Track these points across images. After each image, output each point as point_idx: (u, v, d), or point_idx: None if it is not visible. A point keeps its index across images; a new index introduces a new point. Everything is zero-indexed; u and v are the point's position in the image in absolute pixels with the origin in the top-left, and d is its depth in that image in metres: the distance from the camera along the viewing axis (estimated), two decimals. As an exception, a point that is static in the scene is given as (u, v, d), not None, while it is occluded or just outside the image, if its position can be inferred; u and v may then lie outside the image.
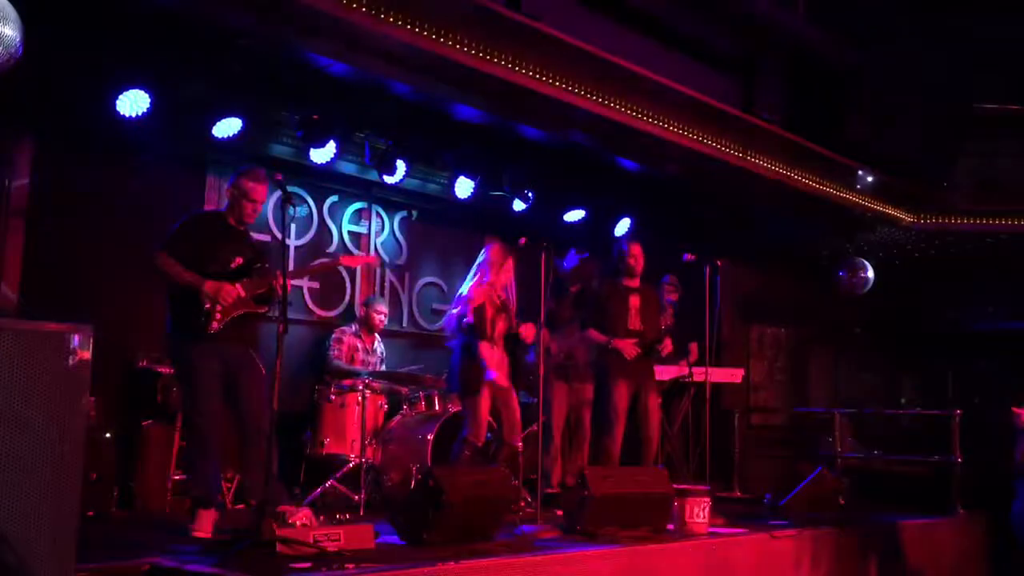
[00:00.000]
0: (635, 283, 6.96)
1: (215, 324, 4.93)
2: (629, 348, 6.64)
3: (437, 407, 7.01)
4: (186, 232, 5.07)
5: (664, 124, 7.67)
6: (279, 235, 5.22)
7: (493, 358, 6.29)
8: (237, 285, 4.99)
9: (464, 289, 6.48)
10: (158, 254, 4.94)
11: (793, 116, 9.52)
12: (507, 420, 6.33)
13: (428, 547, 4.46)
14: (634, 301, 6.88)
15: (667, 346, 6.89)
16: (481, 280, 6.45)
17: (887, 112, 10.03)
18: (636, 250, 6.97)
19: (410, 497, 4.74)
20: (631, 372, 6.68)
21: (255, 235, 5.55)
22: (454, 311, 6.48)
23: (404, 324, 8.30)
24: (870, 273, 10.02)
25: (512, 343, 6.62)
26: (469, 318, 6.29)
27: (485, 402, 6.23)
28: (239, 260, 5.11)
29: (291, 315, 5.11)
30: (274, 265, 5.12)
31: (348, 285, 7.99)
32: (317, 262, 7.52)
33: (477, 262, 6.56)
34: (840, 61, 9.65)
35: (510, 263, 6.52)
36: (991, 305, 11.21)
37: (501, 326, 6.42)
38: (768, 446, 10.19)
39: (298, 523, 4.36)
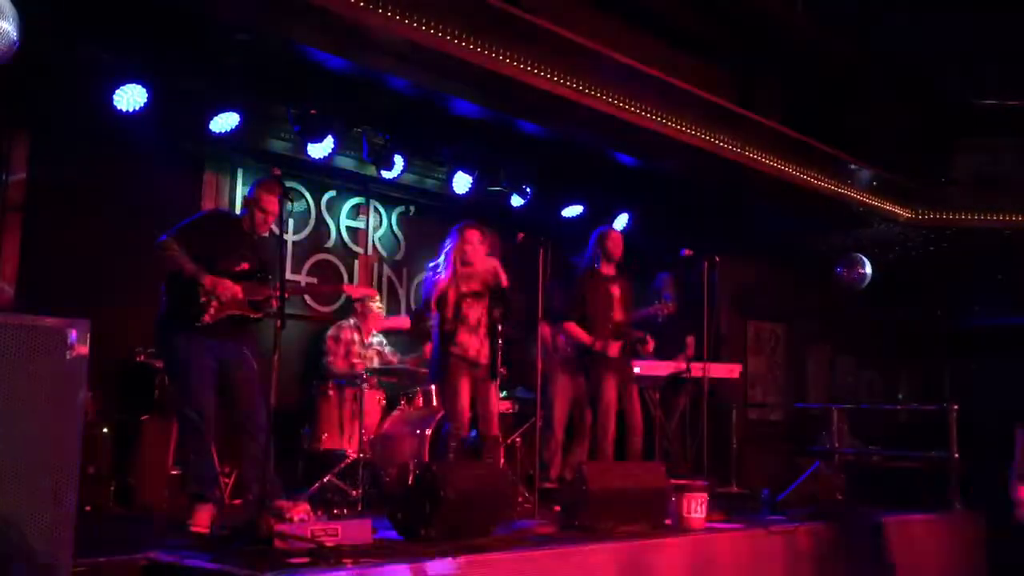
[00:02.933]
0: (612, 271, 6.94)
1: (207, 317, 4.93)
2: (614, 349, 6.65)
3: (434, 402, 7.01)
4: (200, 226, 5.08)
5: (662, 119, 7.66)
6: (277, 230, 5.21)
7: (472, 345, 6.09)
8: (236, 285, 4.99)
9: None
10: (166, 239, 4.93)
11: (791, 111, 9.53)
12: (482, 412, 6.18)
13: (426, 542, 4.46)
14: (614, 290, 6.87)
15: (649, 344, 6.94)
16: (447, 267, 6.18)
17: (885, 107, 10.05)
18: (615, 236, 6.97)
19: (408, 492, 4.74)
20: (616, 367, 6.69)
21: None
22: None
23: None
24: (868, 268, 10.03)
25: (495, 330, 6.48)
26: (433, 308, 6.10)
27: (464, 392, 6.03)
28: (245, 265, 5.11)
29: (289, 311, 5.12)
30: (276, 276, 5.09)
31: (346, 281, 7.98)
32: (321, 287, 7.63)
33: (444, 249, 6.27)
34: (838, 56, 9.65)
35: (485, 247, 6.24)
36: (989, 300, 11.22)
37: (477, 311, 6.14)
38: (766, 441, 10.20)
39: (296, 518, 4.36)
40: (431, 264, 6.32)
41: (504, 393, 7.08)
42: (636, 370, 7.21)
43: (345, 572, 3.78)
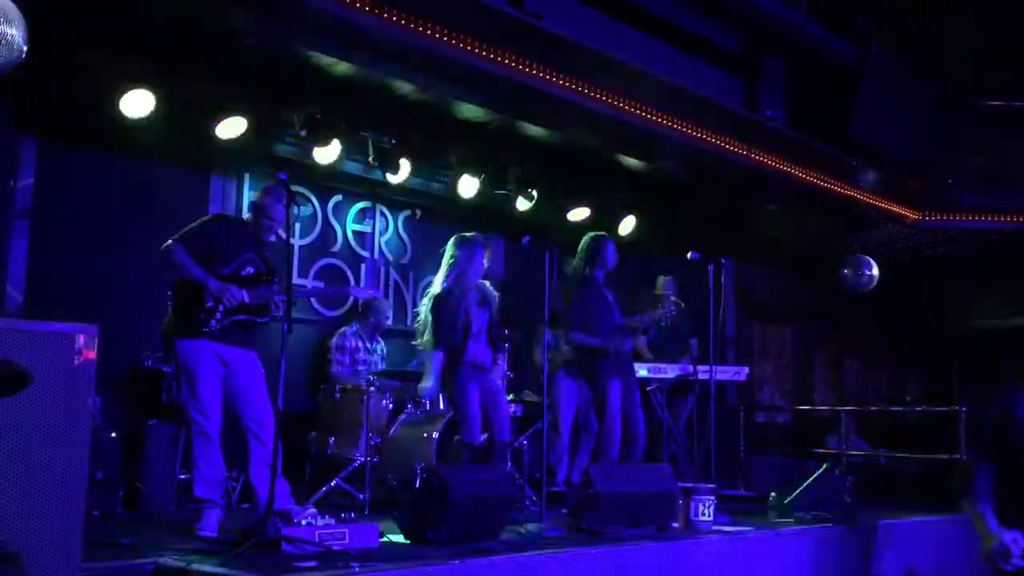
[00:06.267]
0: (604, 278, 6.95)
1: (214, 323, 4.94)
2: (624, 346, 6.71)
3: (441, 406, 7.01)
4: (206, 230, 5.09)
5: (668, 122, 7.66)
6: (283, 235, 5.23)
7: (478, 352, 6.12)
8: (243, 290, 5.01)
9: (435, 288, 6.36)
10: (173, 244, 4.95)
11: (797, 113, 9.52)
12: (495, 418, 6.22)
13: (433, 546, 4.46)
14: (609, 295, 6.89)
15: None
16: (452, 278, 6.15)
17: (891, 109, 10.02)
18: (613, 248, 6.98)
19: (415, 496, 4.74)
20: (620, 369, 6.69)
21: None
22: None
23: (408, 322, 8.29)
24: (875, 271, 10.01)
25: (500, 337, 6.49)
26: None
27: (474, 400, 6.04)
28: (251, 269, 5.12)
29: (296, 315, 5.13)
30: (282, 279, 5.11)
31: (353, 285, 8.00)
32: (327, 289, 7.68)
33: (447, 262, 6.23)
34: (843, 58, 9.63)
35: (480, 255, 6.23)
36: (997, 301, 11.20)
37: (479, 321, 6.14)
38: (773, 444, 10.19)
39: (303, 522, 4.37)
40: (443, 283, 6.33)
41: (511, 396, 7.08)
42: (643, 372, 7.22)
43: (353, 576, 3.78)
